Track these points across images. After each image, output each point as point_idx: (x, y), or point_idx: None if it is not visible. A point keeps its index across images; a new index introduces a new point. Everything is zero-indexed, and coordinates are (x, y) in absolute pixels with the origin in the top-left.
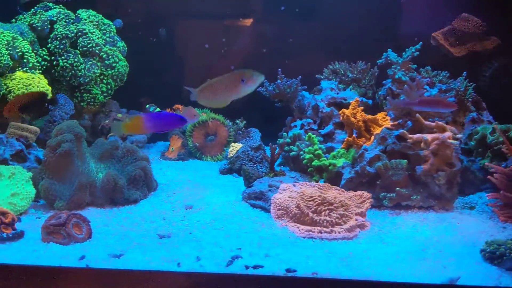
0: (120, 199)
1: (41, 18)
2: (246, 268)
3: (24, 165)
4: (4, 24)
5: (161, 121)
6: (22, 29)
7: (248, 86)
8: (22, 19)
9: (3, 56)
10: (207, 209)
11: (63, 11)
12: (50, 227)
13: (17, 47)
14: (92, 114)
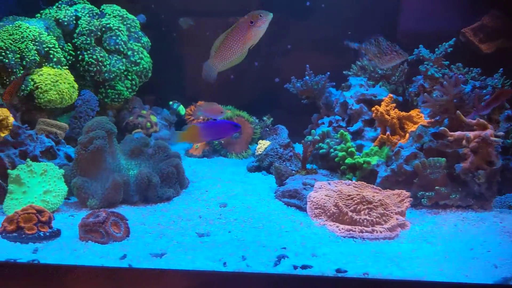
0: (154, 197)
1: (67, 13)
2: (295, 268)
3: (54, 162)
4: (31, 19)
5: (216, 129)
6: (48, 24)
7: (259, 27)
8: (47, 14)
9: (30, 51)
10: (242, 207)
11: (88, 5)
12: (89, 226)
13: (43, 42)
14: (116, 110)
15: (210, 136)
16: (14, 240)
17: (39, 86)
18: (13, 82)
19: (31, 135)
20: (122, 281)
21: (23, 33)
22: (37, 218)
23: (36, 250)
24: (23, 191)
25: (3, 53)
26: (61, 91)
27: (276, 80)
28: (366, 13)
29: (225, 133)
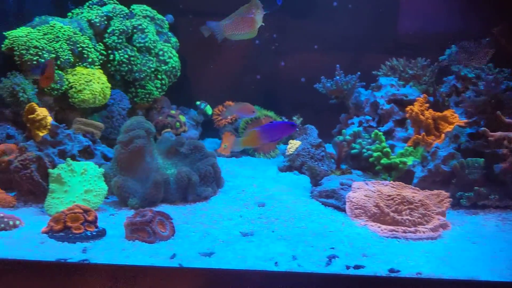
0: (193, 195)
1: (98, 14)
2: (347, 268)
3: (92, 161)
4: (64, 20)
5: (275, 130)
6: (82, 25)
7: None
8: (78, 14)
9: (64, 51)
10: (280, 206)
11: (118, 6)
12: (136, 225)
13: (77, 42)
14: (145, 110)
15: (270, 138)
16: (61, 240)
17: (73, 85)
18: (47, 66)
19: (69, 135)
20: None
21: (57, 32)
22: (84, 217)
23: (85, 249)
24: (65, 190)
25: (39, 52)
26: (95, 91)
27: (302, 80)
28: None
29: (283, 132)
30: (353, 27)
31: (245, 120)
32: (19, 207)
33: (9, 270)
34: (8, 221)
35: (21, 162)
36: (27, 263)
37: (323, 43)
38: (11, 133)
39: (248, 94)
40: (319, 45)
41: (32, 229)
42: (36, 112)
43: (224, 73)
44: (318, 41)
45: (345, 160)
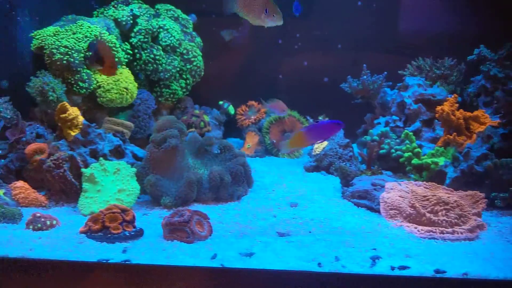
0: (225, 195)
1: (124, 13)
2: (392, 269)
3: (122, 160)
4: (91, 19)
5: (321, 130)
6: (109, 24)
7: (266, 20)
8: (103, 12)
9: None
10: (313, 207)
11: (144, 5)
12: (174, 225)
13: (105, 41)
14: (169, 109)
15: (317, 138)
16: (100, 240)
17: (101, 85)
18: (106, 54)
19: (100, 134)
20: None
21: (85, 32)
22: (122, 217)
23: (125, 250)
24: (98, 190)
25: (69, 52)
26: (122, 90)
27: (325, 80)
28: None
29: (330, 132)
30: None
31: (269, 120)
32: (50, 206)
33: (51, 270)
34: (45, 221)
35: (54, 162)
36: (68, 264)
37: (346, 43)
38: (41, 132)
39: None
40: (343, 44)
41: (69, 229)
42: (68, 111)
43: (246, 73)
44: (342, 40)
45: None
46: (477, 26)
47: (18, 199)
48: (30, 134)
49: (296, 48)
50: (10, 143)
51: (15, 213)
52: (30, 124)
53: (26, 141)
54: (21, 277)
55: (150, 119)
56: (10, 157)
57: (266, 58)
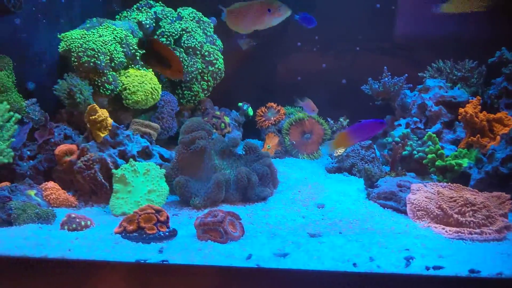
0: (252, 195)
1: (148, 16)
2: (427, 269)
3: (150, 161)
4: (116, 22)
5: (364, 130)
6: (133, 27)
7: (273, 18)
8: (127, 16)
9: (118, 53)
10: (340, 208)
11: (166, 8)
12: (208, 225)
13: (130, 44)
14: (190, 111)
15: (360, 137)
16: (135, 240)
17: (127, 87)
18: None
19: (129, 135)
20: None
21: (111, 35)
22: (156, 218)
23: (162, 250)
24: (128, 191)
25: (95, 54)
26: (147, 92)
27: (343, 82)
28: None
29: (373, 131)
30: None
31: (289, 122)
32: (80, 207)
33: (91, 270)
34: (80, 221)
35: (85, 163)
36: (107, 264)
37: (364, 45)
38: (68, 133)
39: (290, 95)
40: (361, 46)
41: (103, 230)
42: (97, 113)
43: (265, 75)
44: (360, 43)
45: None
46: (496, 29)
47: (49, 199)
48: (58, 135)
49: (315, 50)
50: (39, 144)
51: (49, 214)
52: (58, 126)
53: (54, 142)
54: (61, 278)
55: (173, 121)
56: (39, 158)
57: (285, 60)
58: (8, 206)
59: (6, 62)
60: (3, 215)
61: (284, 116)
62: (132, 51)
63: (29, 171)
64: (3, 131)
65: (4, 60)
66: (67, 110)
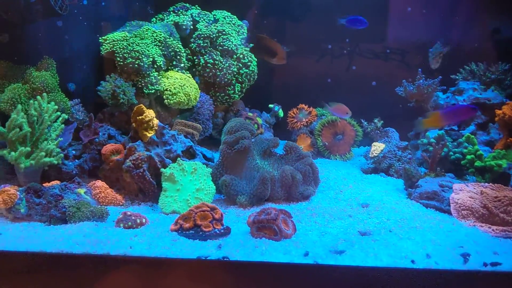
0: (296, 194)
1: (185, 18)
2: (485, 265)
3: (194, 161)
4: (155, 24)
5: (456, 113)
6: (171, 29)
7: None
8: (165, 18)
9: (159, 55)
10: (385, 207)
11: (203, 11)
12: (262, 222)
13: (170, 47)
14: (224, 112)
15: (452, 120)
16: (192, 238)
17: (168, 88)
18: (279, 49)
19: (174, 135)
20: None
21: (151, 37)
22: (212, 215)
23: (220, 246)
24: (177, 189)
25: (139, 56)
26: (188, 94)
27: (373, 84)
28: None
29: (465, 115)
30: (425, 32)
31: (321, 123)
32: (127, 205)
33: (154, 267)
34: (135, 219)
35: (133, 162)
36: (169, 261)
37: (395, 47)
38: (112, 133)
39: (321, 97)
40: (391, 49)
41: (158, 227)
42: (144, 113)
43: (295, 77)
44: (391, 45)
45: (426, 163)
46: None
47: (98, 198)
48: (102, 135)
49: (345, 53)
50: (84, 144)
51: (103, 212)
52: (102, 126)
53: (99, 142)
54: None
55: (209, 121)
56: (84, 157)
57: (315, 62)
58: (61, 204)
59: (50, 63)
60: (57, 213)
61: (316, 118)
62: (172, 54)
63: (75, 170)
64: (51, 131)
65: (48, 61)
66: (108, 111)
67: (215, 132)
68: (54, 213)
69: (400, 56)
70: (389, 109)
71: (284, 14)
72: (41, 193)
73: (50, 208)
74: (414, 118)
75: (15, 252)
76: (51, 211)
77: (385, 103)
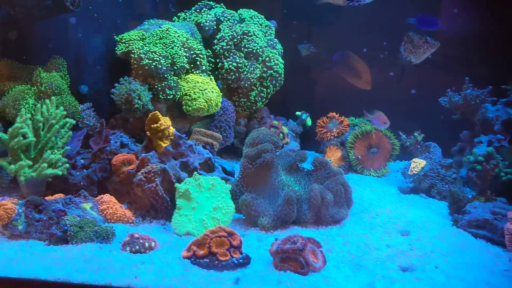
0: (326, 217)
1: (208, 18)
2: None
3: (212, 174)
4: (175, 23)
5: None
6: (192, 29)
7: None
8: (186, 17)
9: (180, 57)
10: (428, 237)
11: (228, 10)
12: (287, 253)
13: (191, 49)
14: (247, 119)
15: None
16: (207, 267)
17: (187, 93)
18: (365, 71)
19: (191, 146)
20: None
21: (172, 37)
22: (229, 242)
23: (238, 280)
24: (192, 207)
25: (157, 58)
26: (209, 100)
27: (413, 92)
28: None
29: None
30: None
31: (354, 134)
32: (138, 223)
33: None
34: (144, 243)
35: (145, 175)
36: None
37: (436, 54)
38: (125, 141)
39: (354, 106)
40: (433, 55)
41: (169, 252)
42: (159, 121)
43: (324, 83)
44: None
45: (472, 183)
46: None
47: (106, 214)
48: (114, 143)
49: (382, 57)
50: (94, 153)
51: (109, 232)
52: (114, 133)
53: (110, 151)
54: None
55: (231, 130)
56: (93, 167)
57: None
58: (63, 221)
59: (60, 63)
60: (59, 232)
61: (348, 128)
62: (193, 56)
63: (83, 181)
64: (57, 138)
65: (58, 61)
66: (122, 116)
67: (236, 140)
68: (55, 232)
69: (443, 61)
70: (429, 121)
71: (315, 15)
72: (42, 208)
73: (51, 225)
74: (458, 132)
75: (5, 278)
76: (51, 229)
77: (424, 114)
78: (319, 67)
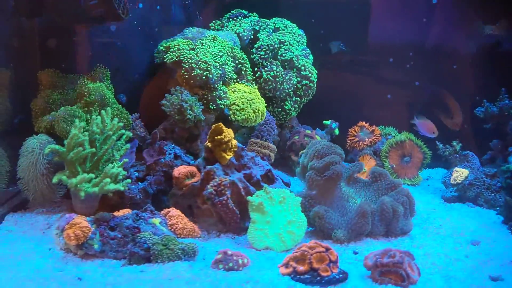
0: (396, 229)
1: (246, 27)
2: None
3: (275, 186)
4: (219, 32)
5: None
6: (234, 38)
7: None
8: (224, 26)
9: (229, 66)
10: (498, 247)
11: (262, 19)
12: (387, 266)
13: (236, 58)
14: (279, 128)
15: None
16: (309, 284)
17: (236, 103)
18: (457, 112)
19: (253, 158)
20: None
21: (220, 46)
22: (328, 257)
23: None
24: (267, 221)
25: (208, 67)
26: (257, 110)
27: None
28: None
29: None
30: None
31: (389, 143)
32: (205, 237)
33: None
34: (237, 260)
35: (216, 188)
36: None
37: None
38: (178, 152)
39: (381, 115)
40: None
41: (262, 269)
42: (224, 133)
43: (351, 91)
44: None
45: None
46: None
47: (176, 229)
48: (168, 155)
49: (408, 67)
50: (148, 165)
51: (195, 249)
52: (166, 144)
53: (165, 163)
54: None
55: (271, 139)
56: (148, 179)
57: (375, 76)
58: (140, 239)
59: (104, 72)
60: (140, 250)
61: (381, 137)
62: (239, 65)
63: (139, 195)
64: (114, 150)
65: (102, 70)
66: (165, 127)
67: None
68: (137, 251)
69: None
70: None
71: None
72: (115, 225)
73: (126, 242)
74: (487, 140)
75: None
76: (129, 247)
77: None
78: (347, 77)
